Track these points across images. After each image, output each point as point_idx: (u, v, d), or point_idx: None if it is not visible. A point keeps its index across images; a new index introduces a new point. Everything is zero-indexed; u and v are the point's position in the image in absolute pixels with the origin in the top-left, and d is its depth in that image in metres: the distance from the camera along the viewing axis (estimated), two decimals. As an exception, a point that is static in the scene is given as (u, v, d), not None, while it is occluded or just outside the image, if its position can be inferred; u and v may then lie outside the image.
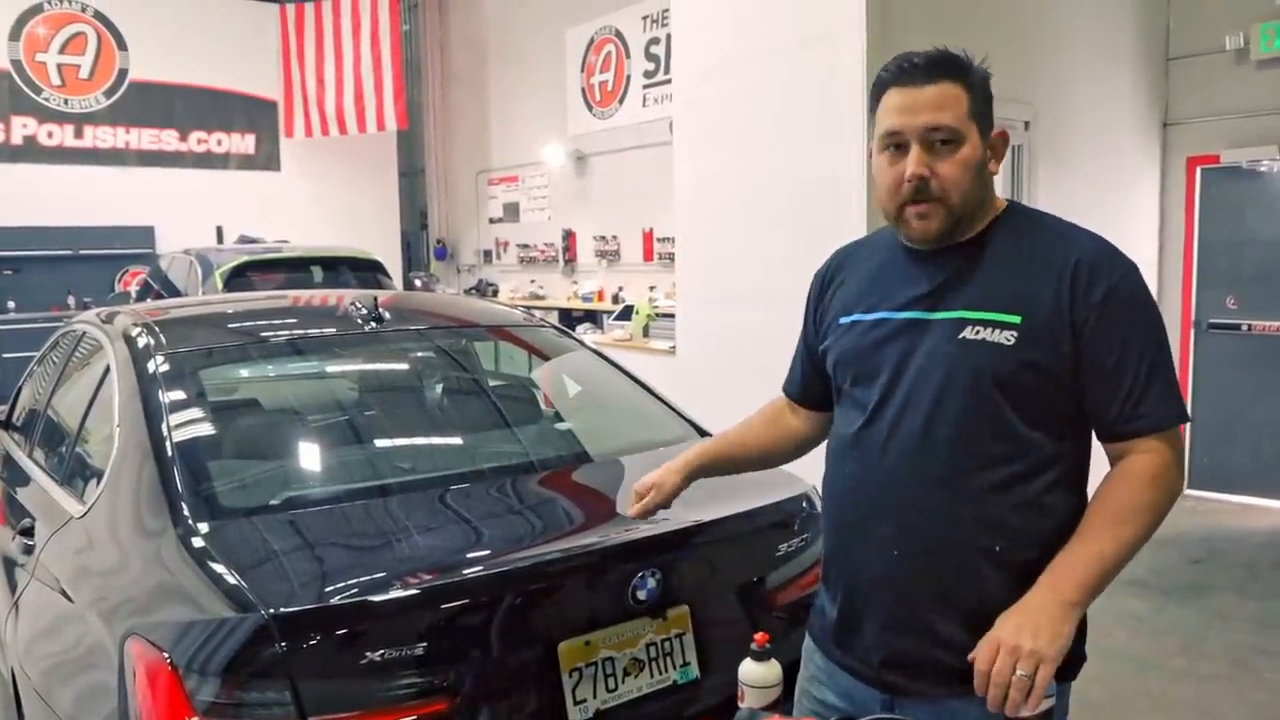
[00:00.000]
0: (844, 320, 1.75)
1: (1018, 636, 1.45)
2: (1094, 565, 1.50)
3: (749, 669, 1.57)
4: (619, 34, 10.25)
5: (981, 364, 1.55)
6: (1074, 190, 5.80)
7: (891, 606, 1.62)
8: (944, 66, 1.61)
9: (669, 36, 7.67)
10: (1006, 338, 1.54)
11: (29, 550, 2.64)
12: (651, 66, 9.85)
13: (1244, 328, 6.31)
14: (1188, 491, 6.48)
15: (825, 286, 1.85)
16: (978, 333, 1.56)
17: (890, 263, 1.71)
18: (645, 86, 9.92)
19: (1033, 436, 1.56)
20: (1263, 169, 6.19)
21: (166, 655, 1.78)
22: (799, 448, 2.02)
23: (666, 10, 9.02)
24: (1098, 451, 1.64)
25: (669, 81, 8.24)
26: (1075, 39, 5.75)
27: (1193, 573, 5.13)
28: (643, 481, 1.98)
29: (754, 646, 1.62)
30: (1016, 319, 1.54)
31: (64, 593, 2.32)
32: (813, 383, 1.91)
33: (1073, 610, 1.48)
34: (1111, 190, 6.12)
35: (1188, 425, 5.79)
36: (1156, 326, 1.57)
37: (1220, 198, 6.36)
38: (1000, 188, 5.78)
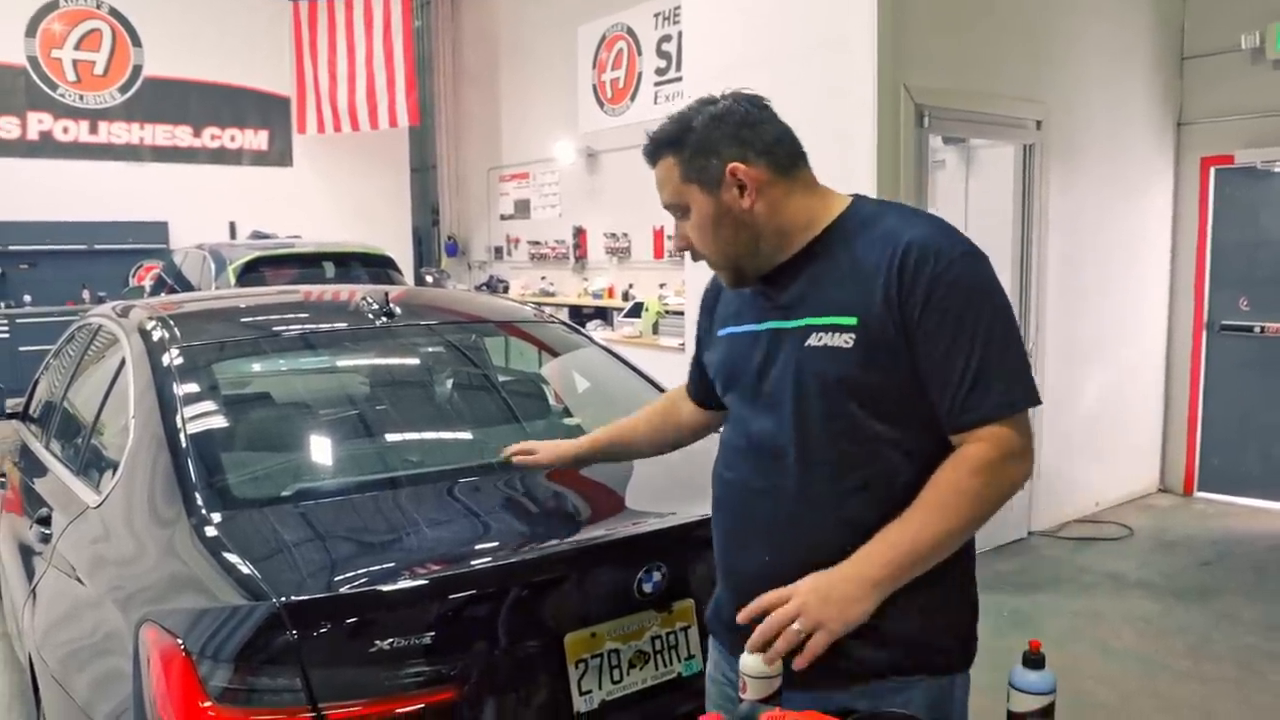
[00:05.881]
0: (721, 333, 1.81)
1: (807, 595, 1.50)
2: (904, 547, 1.51)
3: (748, 660, 1.58)
4: (630, 31, 10.27)
5: (827, 369, 1.57)
6: (1086, 190, 5.80)
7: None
8: (660, 145, 1.67)
9: (680, 34, 7.69)
10: (846, 340, 1.56)
11: (46, 539, 2.68)
12: (663, 64, 9.86)
13: (1257, 329, 6.28)
14: (1198, 494, 6.48)
15: (715, 297, 1.89)
16: (821, 339, 1.58)
17: None
18: (657, 84, 9.94)
19: (891, 435, 1.57)
20: (1277, 169, 6.16)
21: (180, 642, 1.81)
22: (692, 437, 2.17)
23: (678, 7, 9.03)
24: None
25: (680, 79, 8.26)
26: (1088, 38, 5.75)
27: (1201, 575, 5.13)
28: (544, 446, 2.28)
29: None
30: (853, 320, 1.55)
31: (80, 581, 2.36)
32: (703, 385, 1.98)
33: (874, 588, 1.50)
34: (1124, 190, 6.11)
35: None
36: (991, 313, 1.54)
37: (1234, 198, 6.33)
38: (1011, 188, 5.76)
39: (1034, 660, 1.55)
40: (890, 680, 1.58)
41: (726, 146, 1.61)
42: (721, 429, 1.84)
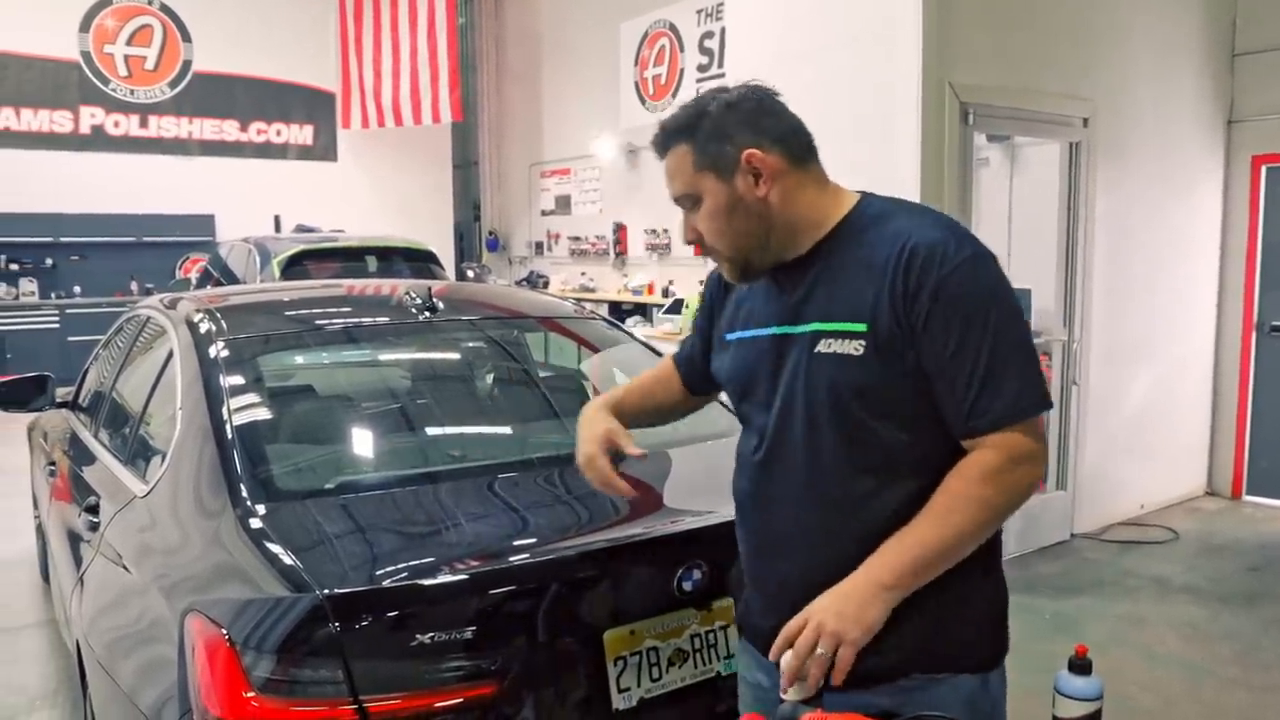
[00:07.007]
0: (729, 337, 1.77)
1: (823, 614, 1.49)
2: (913, 551, 1.49)
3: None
4: (673, 27, 10.25)
5: (837, 377, 1.54)
6: (1133, 189, 5.71)
7: (786, 611, 1.62)
8: (671, 133, 1.63)
9: (723, 30, 7.67)
10: (856, 347, 1.53)
11: (94, 527, 2.73)
12: (705, 60, 9.84)
13: (1308, 331, 6.16)
14: (1246, 497, 6.36)
15: (722, 296, 1.84)
16: (830, 345, 1.55)
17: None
18: (699, 80, 9.92)
19: (903, 441, 1.55)
20: (1332, 169, 6.03)
21: (225, 632, 1.83)
22: (678, 417, 2.10)
23: (721, 4, 9.01)
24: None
25: (722, 75, 8.23)
26: (1136, 34, 5.65)
27: (1249, 580, 5.03)
28: (593, 447, 1.83)
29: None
30: (863, 327, 1.52)
31: (127, 569, 2.40)
32: (696, 369, 1.95)
33: (885, 593, 1.49)
34: (1172, 189, 6.01)
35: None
36: (999, 316, 1.50)
37: (1286, 198, 6.21)
38: (1056, 186, 5.69)
39: (1080, 666, 1.53)
40: (914, 679, 1.57)
41: (742, 133, 1.58)
42: (738, 438, 1.81)
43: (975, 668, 1.62)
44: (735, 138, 1.58)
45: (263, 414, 2.67)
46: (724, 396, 1.91)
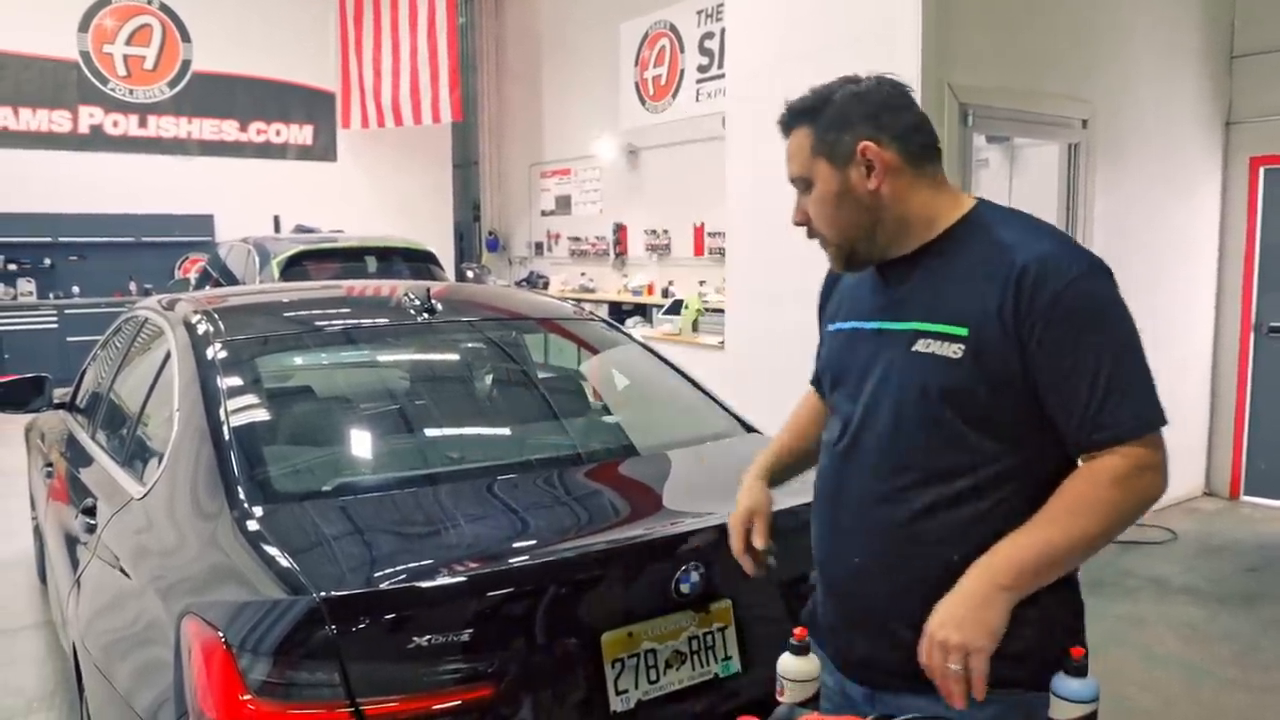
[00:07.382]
0: (830, 328, 1.79)
1: (944, 630, 1.45)
2: (1036, 550, 1.46)
3: (787, 662, 1.57)
4: (673, 28, 10.25)
5: (930, 378, 1.54)
6: (1132, 190, 5.71)
7: (855, 609, 1.63)
8: (796, 115, 1.65)
9: (723, 31, 7.66)
10: (954, 351, 1.52)
11: (91, 529, 2.72)
12: (705, 61, 9.83)
13: (1306, 332, 6.16)
14: (1244, 498, 6.36)
15: (829, 291, 1.87)
16: (928, 345, 1.55)
17: (866, 271, 1.71)
18: (699, 81, 9.91)
19: (991, 449, 1.53)
20: (1330, 170, 6.03)
21: (221, 634, 1.83)
22: None
23: (721, 5, 9.01)
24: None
25: (722, 76, 8.23)
26: (1136, 36, 5.65)
27: (1248, 581, 5.03)
28: (734, 521, 1.88)
29: (793, 640, 1.63)
30: (964, 331, 1.52)
31: (123, 571, 2.39)
32: None
33: (1003, 594, 1.45)
34: (1171, 190, 6.01)
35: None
36: (1116, 332, 1.50)
37: (1285, 199, 6.20)
38: (1055, 187, 5.67)
39: (1076, 668, 1.52)
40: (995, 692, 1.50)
41: (861, 124, 1.59)
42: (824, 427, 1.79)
43: (1035, 685, 1.55)
44: (855, 127, 1.59)
45: (260, 415, 2.67)
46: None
